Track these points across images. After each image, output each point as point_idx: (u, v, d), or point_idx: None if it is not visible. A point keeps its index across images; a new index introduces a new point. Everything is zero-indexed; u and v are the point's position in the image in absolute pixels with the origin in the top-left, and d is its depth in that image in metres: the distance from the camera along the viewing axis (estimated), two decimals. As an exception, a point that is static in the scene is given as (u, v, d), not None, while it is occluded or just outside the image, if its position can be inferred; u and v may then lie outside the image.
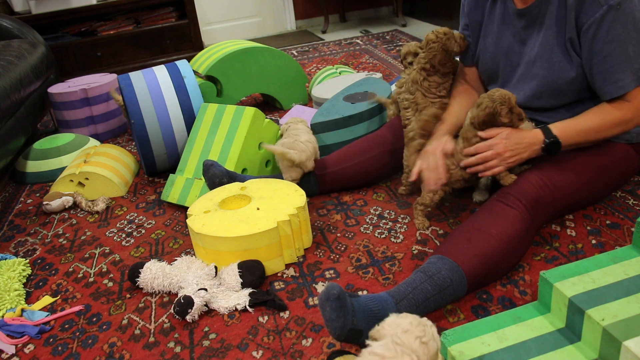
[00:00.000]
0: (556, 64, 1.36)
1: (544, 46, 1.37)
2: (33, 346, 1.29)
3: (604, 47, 1.27)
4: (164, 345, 1.23)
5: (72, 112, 2.55)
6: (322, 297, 1.05)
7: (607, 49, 1.27)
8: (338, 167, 1.74)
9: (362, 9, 4.81)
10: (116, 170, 2.02)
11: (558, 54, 1.35)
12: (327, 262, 1.44)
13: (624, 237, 1.37)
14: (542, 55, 1.38)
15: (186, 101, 2.03)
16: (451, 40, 1.56)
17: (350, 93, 2.11)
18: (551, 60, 1.36)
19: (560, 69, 1.35)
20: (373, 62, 3.35)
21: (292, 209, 1.44)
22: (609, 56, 1.28)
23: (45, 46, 2.97)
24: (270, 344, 1.18)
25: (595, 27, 1.26)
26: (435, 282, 1.15)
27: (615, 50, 1.27)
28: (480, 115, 1.35)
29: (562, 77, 1.36)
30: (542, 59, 1.38)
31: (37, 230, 1.83)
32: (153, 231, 1.72)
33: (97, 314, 1.37)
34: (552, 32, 1.35)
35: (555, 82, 1.37)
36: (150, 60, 3.74)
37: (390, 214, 1.62)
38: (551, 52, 1.36)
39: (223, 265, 1.40)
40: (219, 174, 1.65)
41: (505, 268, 1.27)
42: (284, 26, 4.69)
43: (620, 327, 0.90)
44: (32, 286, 1.52)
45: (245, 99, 2.93)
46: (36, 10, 3.50)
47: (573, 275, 1.04)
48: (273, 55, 2.48)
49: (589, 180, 1.40)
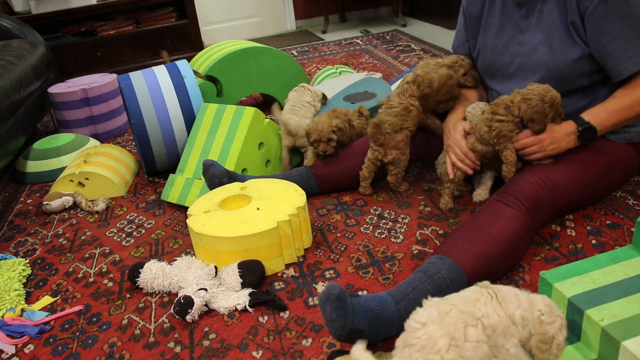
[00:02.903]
0: (558, 49, 1.37)
1: (545, 32, 1.39)
2: (33, 346, 1.29)
3: (613, 25, 1.28)
4: (164, 345, 1.23)
5: (72, 112, 2.55)
6: (322, 297, 1.05)
7: (617, 27, 1.28)
8: (338, 167, 1.74)
9: (362, 9, 4.81)
10: (116, 170, 2.02)
11: (560, 38, 1.36)
12: (327, 262, 1.44)
13: (624, 237, 1.37)
14: (544, 42, 1.39)
15: (186, 101, 2.03)
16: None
17: (350, 93, 2.11)
18: (552, 45, 1.37)
19: (563, 52, 1.36)
20: (373, 62, 3.35)
21: (292, 209, 1.44)
22: (620, 34, 1.28)
23: (45, 46, 2.97)
24: (270, 344, 1.18)
25: (602, 8, 1.28)
26: (435, 281, 1.15)
27: (625, 27, 1.28)
28: (528, 112, 1.36)
29: (565, 60, 1.36)
30: (544, 45, 1.39)
31: (37, 230, 1.83)
32: (153, 231, 1.72)
33: (97, 314, 1.37)
34: (553, 17, 1.36)
35: (558, 67, 1.38)
36: (150, 60, 3.74)
37: (390, 214, 1.62)
38: (552, 37, 1.37)
39: (223, 265, 1.40)
40: (219, 174, 1.65)
41: (505, 268, 1.27)
42: (284, 26, 4.69)
43: (620, 327, 0.90)
44: (32, 286, 1.52)
45: (245, 99, 2.93)
46: (36, 10, 3.50)
47: (573, 276, 1.04)
48: (273, 55, 2.48)
49: (589, 180, 1.40)
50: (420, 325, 0.86)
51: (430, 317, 0.86)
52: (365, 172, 1.69)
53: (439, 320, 0.85)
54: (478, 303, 0.86)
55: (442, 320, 0.84)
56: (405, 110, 1.62)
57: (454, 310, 0.85)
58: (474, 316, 0.84)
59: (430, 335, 0.83)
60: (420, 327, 0.86)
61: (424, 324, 0.85)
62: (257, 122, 1.83)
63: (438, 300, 0.90)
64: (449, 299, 0.89)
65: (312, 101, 2.02)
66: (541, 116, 1.34)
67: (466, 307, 0.86)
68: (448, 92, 1.60)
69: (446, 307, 0.86)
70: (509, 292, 0.89)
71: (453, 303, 0.87)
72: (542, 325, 0.87)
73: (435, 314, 0.86)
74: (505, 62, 1.51)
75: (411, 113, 1.62)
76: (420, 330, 0.85)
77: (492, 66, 1.56)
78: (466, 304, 0.86)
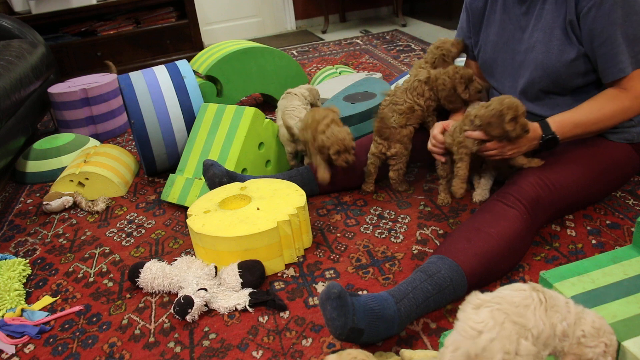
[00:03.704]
0: (555, 48, 1.36)
1: (543, 30, 1.38)
2: (33, 346, 1.29)
3: (604, 30, 1.28)
4: (164, 345, 1.23)
5: (72, 112, 2.55)
6: (322, 296, 1.05)
7: (607, 31, 1.28)
8: (338, 167, 1.73)
9: (362, 9, 4.81)
10: (116, 170, 2.02)
11: (558, 37, 1.36)
12: (327, 262, 1.44)
13: (624, 237, 1.37)
14: (542, 40, 1.39)
15: (186, 101, 2.03)
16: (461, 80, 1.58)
17: (350, 93, 2.11)
18: (550, 44, 1.37)
19: (559, 52, 1.36)
20: (373, 62, 3.35)
21: (292, 209, 1.44)
22: (609, 39, 1.28)
23: (45, 46, 2.97)
24: (270, 344, 1.18)
25: (596, 10, 1.27)
26: (435, 281, 1.15)
27: (616, 33, 1.27)
28: (486, 115, 1.35)
29: (561, 60, 1.36)
30: (541, 43, 1.39)
31: (37, 230, 1.83)
32: (153, 231, 1.72)
33: (97, 314, 1.37)
34: (553, 16, 1.36)
35: (554, 66, 1.37)
36: (150, 60, 3.74)
37: (390, 214, 1.63)
38: (550, 36, 1.37)
39: (223, 265, 1.40)
40: (219, 174, 1.65)
41: (505, 268, 1.27)
42: (284, 26, 4.69)
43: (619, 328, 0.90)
44: (32, 286, 1.52)
45: (245, 99, 2.93)
46: (36, 10, 3.50)
47: (573, 276, 1.03)
48: (273, 55, 2.48)
49: (589, 180, 1.40)
50: (476, 334, 0.84)
51: (485, 325, 0.83)
52: (371, 167, 1.69)
53: (494, 330, 0.82)
54: (529, 311, 0.83)
55: (498, 332, 0.82)
56: (410, 110, 1.63)
57: (508, 321, 0.82)
58: (526, 327, 0.82)
59: (484, 347, 0.81)
60: (476, 335, 0.83)
61: (479, 332, 0.83)
62: (257, 122, 1.83)
63: (488, 299, 0.86)
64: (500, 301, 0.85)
65: (301, 105, 2.02)
66: (499, 120, 1.31)
67: (519, 317, 0.82)
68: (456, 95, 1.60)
69: (500, 317, 0.83)
70: (561, 300, 0.85)
71: (506, 311, 0.83)
72: (580, 346, 0.83)
73: (490, 322, 0.83)
74: (504, 59, 1.51)
75: (415, 113, 1.63)
76: (476, 338, 0.83)
77: (492, 63, 1.56)
78: (519, 312, 0.83)
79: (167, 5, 3.77)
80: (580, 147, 1.41)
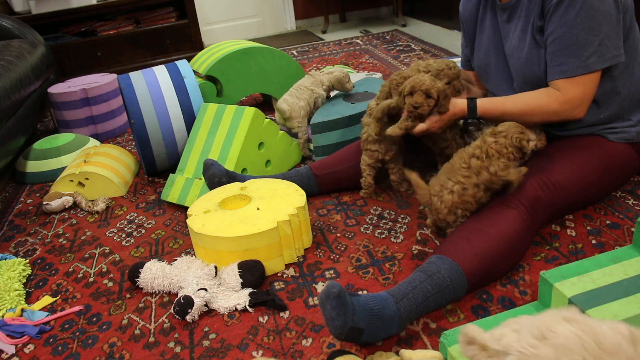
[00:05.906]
0: (526, 54, 1.38)
1: (518, 37, 1.40)
2: (33, 346, 1.29)
3: (556, 29, 1.29)
4: (164, 345, 1.23)
5: (72, 112, 2.55)
6: (322, 295, 1.05)
7: (558, 31, 1.29)
8: (338, 167, 1.74)
9: (362, 9, 4.81)
10: (116, 170, 2.02)
11: (529, 42, 1.37)
12: (327, 262, 1.44)
13: (624, 237, 1.37)
14: (517, 47, 1.41)
15: (186, 101, 2.03)
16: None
17: (350, 93, 2.11)
18: (523, 51, 1.39)
19: (531, 62, 1.38)
20: (373, 62, 3.35)
21: (292, 209, 1.44)
22: (558, 39, 1.30)
23: (45, 46, 2.97)
24: (270, 344, 1.18)
25: (552, 10, 1.29)
26: (435, 281, 1.15)
27: (565, 34, 1.28)
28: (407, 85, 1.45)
29: (533, 69, 1.38)
30: (517, 50, 1.41)
31: (37, 230, 1.83)
32: (153, 231, 1.72)
33: (97, 314, 1.37)
34: (525, 23, 1.38)
35: (531, 71, 1.39)
36: (150, 60, 3.74)
37: (390, 214, 1.63)
38: (523, 43, 1.39)
39: (223, 265, 1.40)
40: (219, 174, 1.65)
41: (505, 268, 1.27)
42: (284, 26, 4.69)
43: (620, 327, 0.90)
44: (32, 286, 1.52)
45: (245, 99, 2.93)
46: (36, 10, 3.50)
47: (573, 276, 1.04)
48: (273, 55, 2.48)
49: (589, 180, 1.40)
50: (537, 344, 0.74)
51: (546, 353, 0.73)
52: (369, 179, 1.68)
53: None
54: (621, 351, 0.72)
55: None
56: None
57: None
58: None
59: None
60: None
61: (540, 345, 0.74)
62: (257, 122, 1.83)
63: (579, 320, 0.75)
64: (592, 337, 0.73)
65: (310, 85, 2.03)
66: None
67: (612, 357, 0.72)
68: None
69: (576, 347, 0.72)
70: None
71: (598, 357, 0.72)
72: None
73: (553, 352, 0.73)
74: (497, 64, 1.53)
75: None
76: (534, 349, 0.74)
77: (486, 67, 1.57)
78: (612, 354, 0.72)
79: (167, 5, 3.77)
80: (580, 147, 1.41)
